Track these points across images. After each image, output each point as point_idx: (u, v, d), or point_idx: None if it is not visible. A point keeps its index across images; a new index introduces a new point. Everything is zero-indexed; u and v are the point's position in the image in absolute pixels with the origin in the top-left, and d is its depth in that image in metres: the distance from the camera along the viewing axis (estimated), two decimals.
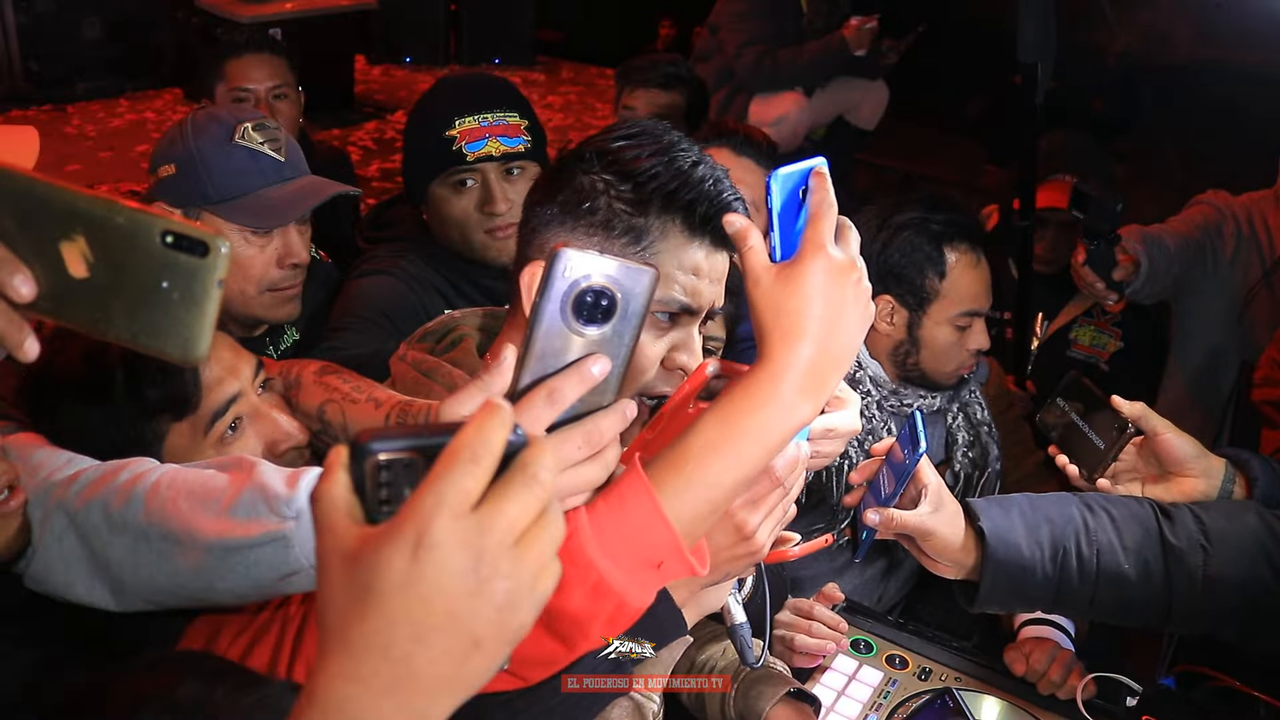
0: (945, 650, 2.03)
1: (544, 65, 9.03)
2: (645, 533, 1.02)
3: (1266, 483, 1.71)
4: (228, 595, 1.15)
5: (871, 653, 2.01)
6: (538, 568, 0.71)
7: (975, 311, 2.32)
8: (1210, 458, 1.76)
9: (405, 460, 0.71)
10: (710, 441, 1.05)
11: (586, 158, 1.33)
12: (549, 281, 0.90)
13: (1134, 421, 1.77)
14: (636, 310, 0.93)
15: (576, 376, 0.91)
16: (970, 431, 2.45)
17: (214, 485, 1.14)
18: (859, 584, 2.36)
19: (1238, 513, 1.62)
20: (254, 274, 2.02)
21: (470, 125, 2.28)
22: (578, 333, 0.92)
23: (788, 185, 1.09)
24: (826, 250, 1.06)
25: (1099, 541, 1.56)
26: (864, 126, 5.55)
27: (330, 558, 0.70)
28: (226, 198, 1.98)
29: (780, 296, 1.06)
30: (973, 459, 2.43)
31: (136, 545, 1.15)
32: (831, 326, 1.06)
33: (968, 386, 2.45)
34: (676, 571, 1.05)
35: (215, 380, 1.42)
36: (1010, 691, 1.92)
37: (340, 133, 7.13)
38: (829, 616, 1.96)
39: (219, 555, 1.10)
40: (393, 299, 2.24)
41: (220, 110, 2.13)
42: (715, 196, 1.30)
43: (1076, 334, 3.37)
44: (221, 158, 1.98)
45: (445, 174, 2.29)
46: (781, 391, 1.05)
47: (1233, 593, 1.55)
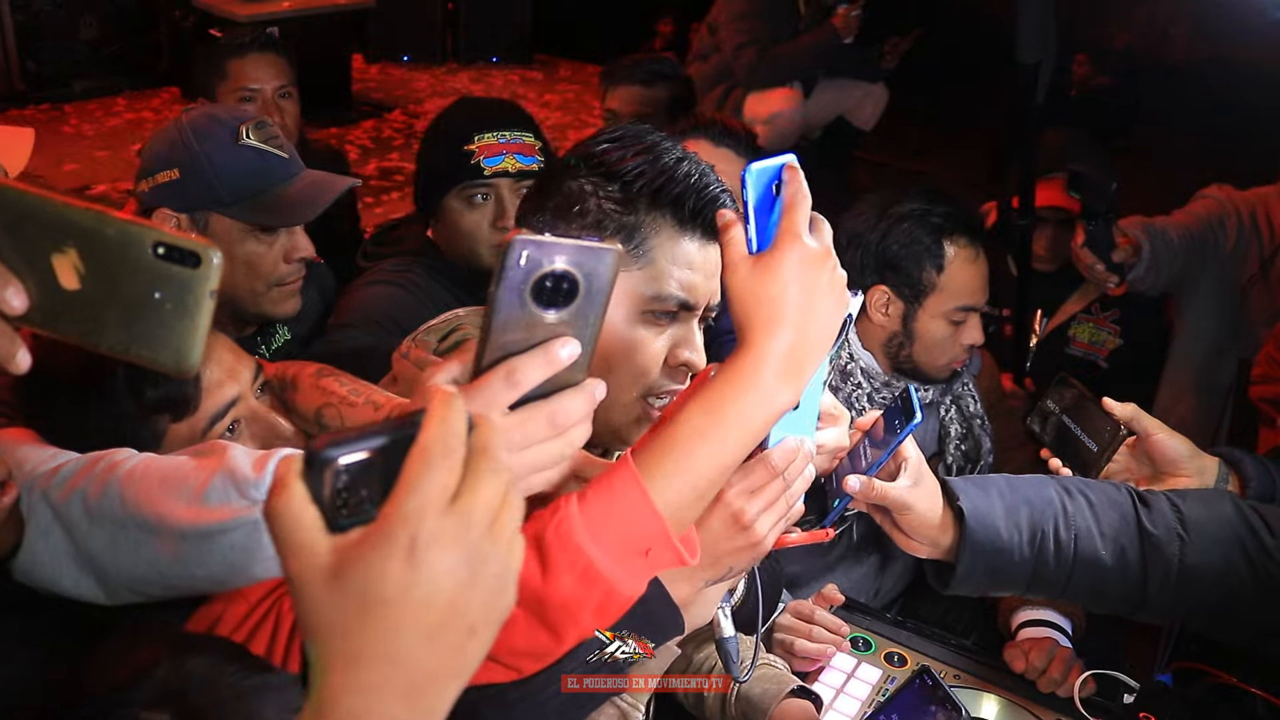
0: (944, 648, 2.03)
1: (542, 63, 9.02)
2: (633, 519, 1.03)
3: (1260, 482, 1.72)
4: (208, 582, 1.15)
5: (870, 650, 2.01)
6: (511, 545, 0.73)
7: (971, 307, 2.31)
8: (1203, 457, 1.76)
9: (363, 462, 0.71)
10: (696, 428, 1.06)
11: (573, 164, 1.36)
12: (504, 271, 0.88)
13: (1126, 423, 1.76)
14: (601, 289, 0.93)
15: (542, 358, 0.92)
16: (963, 424, 2.44)
17: (186, 472, 1.15)
18: (854, 580, 2.35)
19: (1215, 501, 1.62)
20: (264, 270, 2.03)
21: (489, 141, 2.35)
22: (540, 317, 0.91)
23: (762, 179, 1.11)
24: (801, 239, 1.08)
25: (1077, 526, 1.55)
26: (863, 127, 5.57)
27: (308, 576, 0.70)
28: (240, 199, 1.99)
29: (758, 285, 1.08)
30: (965, 451, 2.43)
31: (115, 535, 1.15)
32: (808, 313, 1.08)
33: (960, 379, 2.45)
34: (665, 559, 1.06)
35: (215, 383, 1.42)
36: (1009, 689, 1.92)
37: (338, 131, 7.12)
38: (830, 620, 1.96)
39: (194, 542, 1.11)
40: (399, 307, 2.26)
41: (217, 111, 2.13)
42: (702, 190, 1.32)
43: (1075, 331, 3.37)
44: (231, 159, 1.99)
45: (461, 187, 2.35)
46: (763, 377, 1.06)
47: (1207, 582, 1.55)
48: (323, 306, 2.41)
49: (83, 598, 1.22)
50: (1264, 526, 1.58)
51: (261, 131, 2.04)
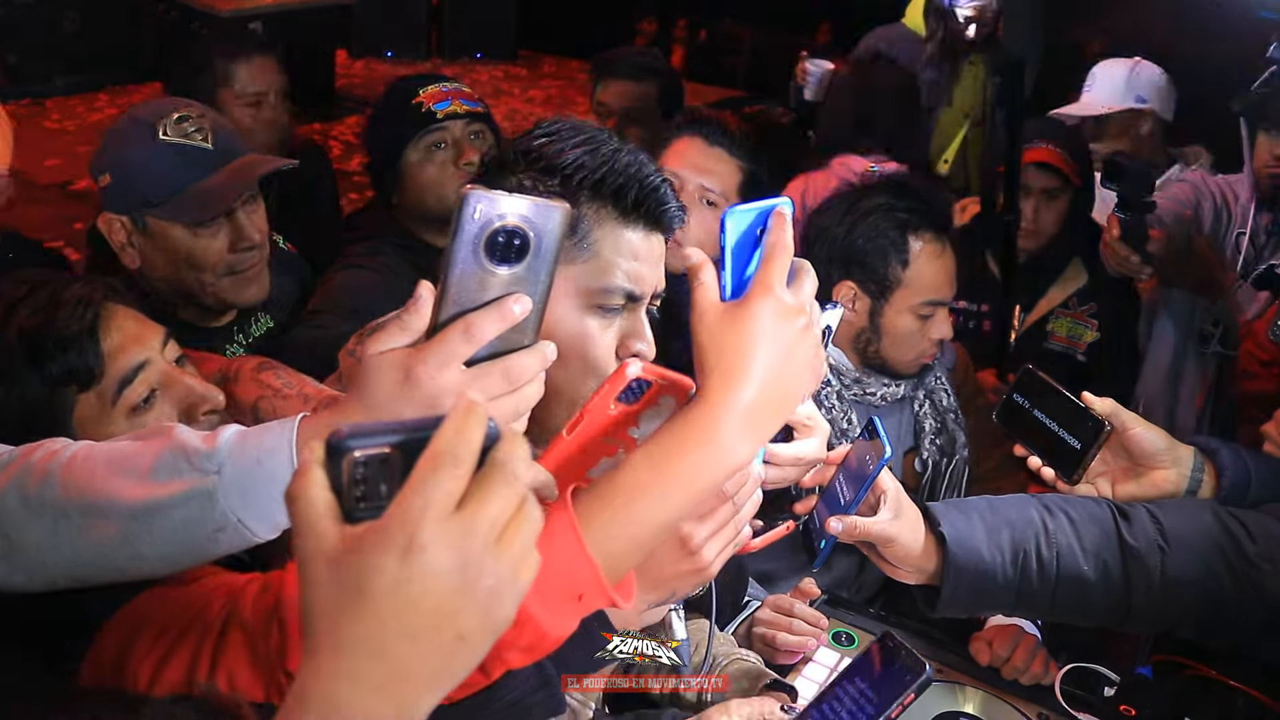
0: (927, 642, 2.03)
1: (525, 60, 9.01)
2: (567, 567, 1.01)
3: (1235, 471, 1.73)
4: (157, 561, 1.12)
5: (853, 645, 2.02)
6: (518, 561, 0.73)
7: (938, 301, 2.31)
8: (1179, 447, 1.77)
9: (381, 456, 0.72)
10: (639, 481, 1.04)
11: (511, 159, 1.36)
12: (460, 224, 0.92)
13: (1106, 418, 1.75)
14: (550, 247, 0.95)
15: (496, 314, 0.94)
16: (937, 418, 2.44)
17: (132, 452, 1.13)
18: (835, 576, 2.35)
19: (1194, 512, 1.64)
20: (210, 262, 2.07)
21: (432, 90, 2.56)
22: (492, 273, 0.94)
23: (743, 224, 1.08)
24: (775, 292, 1.05)
25: (1058, 544, 1.58)
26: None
27: (314, 559, 0.72)
28: (165, 197, 2.02)
29: (724, 335, 1.05)
30: (940, 446, 2.42)
31: (56, 524, 1.13)
32: (775, 370, 1.05)
33: (933, 373, 2.44)
34: (598, 603, 1.04)
35: (117, 348, 1.43)
36: (990, 683, 1.93)
37: (321, 127, 7.11)
38: (809, 613, 1.97)
39: (143, 519, 1.09)
40: (370, 291, 2.33)
41: (137, 111, 2.15)
42: (643, 180, 1.32)
43: (1054, 325, 3.38)
44: (150, 158, 2.02)
45: (418, 139, 2.51)
46: (719, 432, 1.04)
47: (1190, 591, 1.57)
48: (300, 294, 2.45)
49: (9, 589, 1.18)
50: (1245, 534, 1.60)
51: (180, 126, 2.05)
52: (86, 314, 1.42)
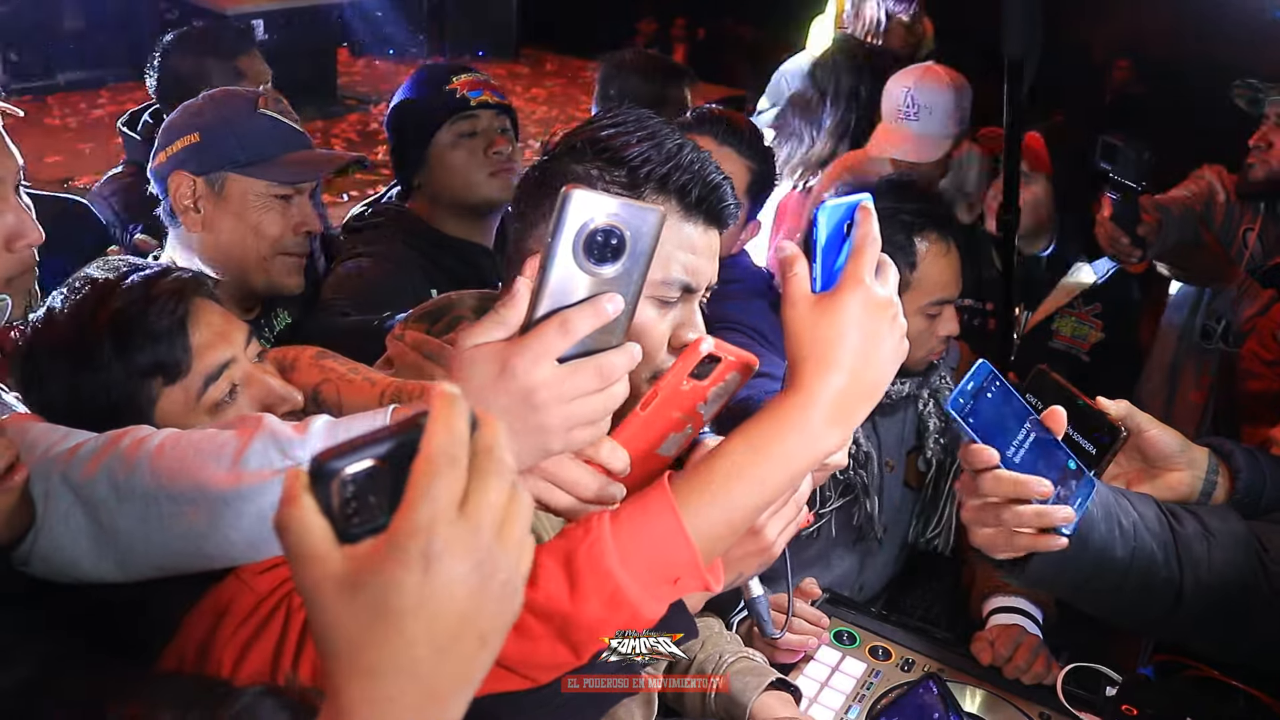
0: (929, 642, 2.03)
1: (527, 58, 9.01)
2: (666, 549, 1.05)
3: (1249, 474, 1.71)
4: (245, 547, 1.13)
5: (854, 644, 2.02)
6: (520, 549, 0.73)
7: (945, 300, 2.32)
8: (1194, 449, 1.75)
9: (369, 471, 0.70)
10: (737, 464, 1.08)
11: (577, 147, 1.37)
12: (560, 222, 0.94)
13: (1120, 422, 1.73)
14: (644, 249, 0.98)
15: (591, 310, 0.97)
16: (941, 417, 2.44)
17: (222, 440, 1.14)
18: (837, 575, 2.35)
19: (1224, 513, 1.62)
20: (272, 235, 2.14)
21: (466, 79, 2.60)
22: (589, 272, 0.97)
23: (833, 218, 1.12)
24: (865, 284, 1.10)
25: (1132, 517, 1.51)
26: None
27: (321, 585, 0.70)
28: (256, 160, 2.13)
29: (816, 326, 1.09)
30: (945, 445, 2.43)
31: (146, 510, 1.14)
32: (865, 359, 1.09)
33: (938, 372, 2.44)
34: (692, 587, 1.08)
35: (206, 344, 1.44)
36: (993, 682, 1.93)
37: (323, 124, 7.10)
38: (809, 612, 1.97)
39: (235, 505, 1.10)
40: (378, 281, 2.40)
41: (232, 88, 2.33)
42: (706, 177, 1.34)
43: (1058, 325, 3.37)
44: (250, 124, 2.15)
45: (451, 122, 2.54)
46: (810, 419, 1.08)
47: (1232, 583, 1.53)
48: (312, 291, 2.47)
49: (101, 579, 1.20)
50: (1260, 548, 1.59)
51: (278, 105, 2.22)
52: (179, 308, 1.43)
